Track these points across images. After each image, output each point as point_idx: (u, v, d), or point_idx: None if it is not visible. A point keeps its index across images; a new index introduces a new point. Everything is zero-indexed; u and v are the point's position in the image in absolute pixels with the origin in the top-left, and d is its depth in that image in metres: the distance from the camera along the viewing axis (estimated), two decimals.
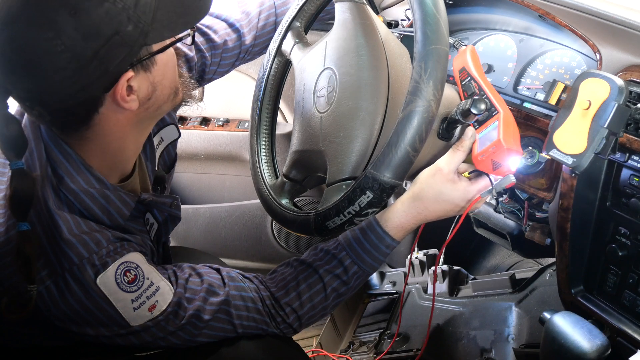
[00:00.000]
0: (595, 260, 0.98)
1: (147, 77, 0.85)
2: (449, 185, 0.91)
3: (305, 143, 0.99)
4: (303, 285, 0.97)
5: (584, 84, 0.90)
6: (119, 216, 0.91)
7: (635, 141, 0.87)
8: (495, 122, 0.91)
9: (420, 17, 0.78)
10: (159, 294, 0.88)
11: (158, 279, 0.89)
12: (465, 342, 1.50)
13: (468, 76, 0.95)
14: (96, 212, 0.88)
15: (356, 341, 1.68)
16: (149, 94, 0.87)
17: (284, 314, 0.97)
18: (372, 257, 0.96)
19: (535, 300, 1.44)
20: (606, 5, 1.02)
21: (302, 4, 1.08)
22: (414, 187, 0.94)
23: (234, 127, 1.77)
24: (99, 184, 0.88)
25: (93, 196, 0.87)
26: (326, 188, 0.90)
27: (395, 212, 0.95)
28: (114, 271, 0.85)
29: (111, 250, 0.86)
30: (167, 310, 0.89)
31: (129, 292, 0.86)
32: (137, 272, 0.87)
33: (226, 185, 1.86)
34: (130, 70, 0.81)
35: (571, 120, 0.91)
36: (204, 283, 0.94)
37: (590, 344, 0.89)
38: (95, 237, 0.85)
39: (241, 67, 1.73)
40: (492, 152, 0.89)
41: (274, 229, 1.84)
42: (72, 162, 0.87)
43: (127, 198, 0.92)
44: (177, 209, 1.06)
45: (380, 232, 0.95)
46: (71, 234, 0.83)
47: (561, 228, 0.99)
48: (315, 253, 1.00)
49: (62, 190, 0.86)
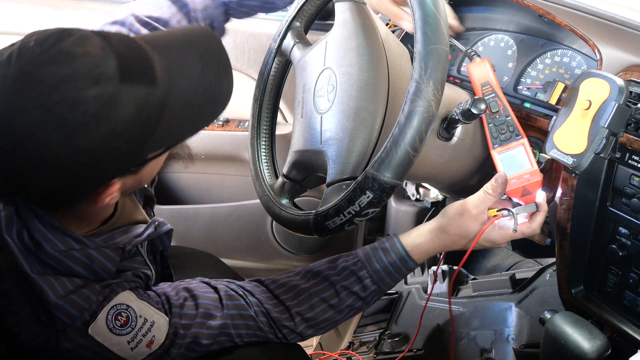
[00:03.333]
0: (595, 260, 0.98)
1: (135, 177, 0.82)
2: (476, 225, 0.93)
3: (305, 143, 0.98)
4: (316, 298, 0.96)
5: (584, 84, 0.90)
6: (105, 273, 0.86)
7: (635, 141, 0.87)
8: (520, 147, 0.97)
9: (420, 17, 0.78)
10: (155, 328, 0.86)
11: (151, 313, 0.87)
12: (465, 342, 1.50)
13: (492, 93, 0.99)
14: (80, 272, 0.84)
15: (356, 341, 1.68)
16: (133, 187, 0.84)
17: (293, 324, 0.96)
18: (392, 278, 0.97)
19: (536, 300, 1.44)
20: (606, 5, 1.02)
21: (302, 4, 1.08)
22: (442, 220, 0.95)
23: (234, 127, 1.77)
24: (79, 245, 0.84)
25: (75, 257, 0.83)
26: (326, 188, 0.90)
27: (421, 239, 0.96)
28: (104, 318, 0.83)
29: (100, 300, 0.84)
30: (165, 343, 0.87)
31: (124, 334, 0.84)
32: (128, 313, 0.85)
33: (226, 185, 1.86)
34: (117, 180, 0.77)
35: (571, 120, 0.91)
36: (200, 307, 0.91)
37: (590, 344, 0.89)
38: (83, 294, 0.82)
39: (241, 67, 1.74)
40: (526, 180, 0.95)
41: (274, 229, 1.84)
42: (48, 227, 0.82)
43: (112, 253, 0.87)
44: (162, 226, 1.01)
45: (405, 257, 0.96)
46: (58, 297, 0.80)
47: (561, 228, 0.99)
48: (332, 267, 0.98)
49: (42, 256, 0.82)
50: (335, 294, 0.96)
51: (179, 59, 0.77)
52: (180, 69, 0.76)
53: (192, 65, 0.78)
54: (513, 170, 0.96)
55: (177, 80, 0.76)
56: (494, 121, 0.99)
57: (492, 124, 0.99)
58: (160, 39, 0.80)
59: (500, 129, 0.98)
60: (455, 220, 0.93)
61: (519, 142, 0.97)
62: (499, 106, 0.99)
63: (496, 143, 0.99)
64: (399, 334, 1.62)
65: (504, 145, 0.98)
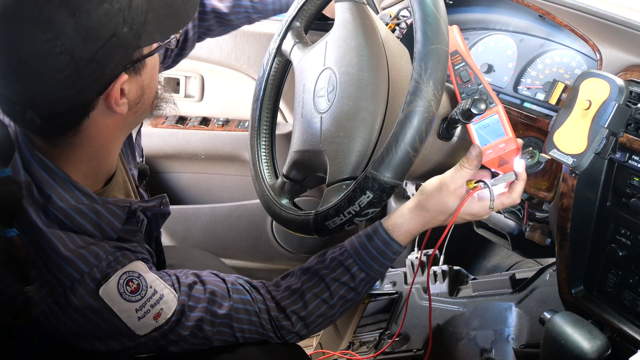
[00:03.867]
0: (595, 260, 0.98)
1: (138, 80, 0.84)
2: (455, 199, 0.91)
3: (305, 143, 0.98)
4: (309, 294, 0.96)
5: (584, 84, 0.90)
6: (111, 230, 0.88)
7: (635, 141, 0.87)
8: (494, 115, 0.92)
9: (420, 17, 0.78)
10: (163, 301, 0.87)
11: (162, 286, 0.88)
12: (465, 342, 1.50)
13: (462, 62, 0.95)
14: (88, 228, 0.86)
15: (356, 341, 1.68)
16: (138, 97, 0.86)
17: (290, 323, 0.96)
18: (379, 264, 0.96)
19: (536, 300, 1.44)
20: (606, 5, 1.02)
21: (302, 4, 1.08)
22: (420, 197, 0.93)
23: (234, 127, 1.77)
24: (87, 199, 0.86)
25: (83, 212, 0.85)
26: (326, 188, 0.90)
27: (402, 219, 0.95)
28: (116, 282, 0.84)
29: (111, 260, 0.85)
30: (171, 319, 0.88)
31: (133, 301, 0.85)
32: (139, 281, 0.86)
33: (226, 185, 1.86)
34: (124, 73, 0.81)
35: (571, 120, 0.90)
36: (207, 292, 0.92)
37: (590, 344, 0.89)
38: (93, 250, 0.84)
39: (241, 67, 1.74)
40: (501, 149, 0.91)
41: (274, 229, 1.84)
42: (57, 180, 0.84)
43: (118, 210, 0.89)
44: (166, 205, 1.04)
45: (388, 239, 0.94)
46: (68, 250, 0.82)
47: (561, 228, 0.99)
48: (320, 261, 0.99)
49: (51, 209, 0.83)
50: (326, 287, 0.96)
51: None
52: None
53: None
54: (488, 141, 0.93)
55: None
56: (466, 90, 0.95)
57: (464, 93, 0.95)
58: None
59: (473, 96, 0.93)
60: (434, 196, 0.92)
61: (493, 110, 0.92)
62: (469, 75, 0.94)
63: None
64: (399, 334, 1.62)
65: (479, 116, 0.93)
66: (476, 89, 0.94)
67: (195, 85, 1.79)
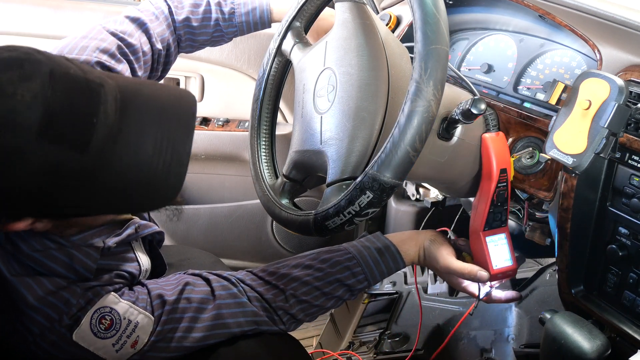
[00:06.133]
0: (595, 260, 0.98)
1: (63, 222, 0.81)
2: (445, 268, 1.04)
3: (305, 143, 0.98)
4: (310, 285, 0.98)
5: (584, 84, 0.90)
6: (86, 271, 0.85)
7: (635, 141, 0.87)
8: (503, 234, 1.05)
9: (420, 17, 0.78)
10: (139, 328, 0.86)
11: (135, 313, 0.86)
12: (465, 342, 1.50)
13: (505, 182, 1.01)
14: (60, 271, 0.83)
15: (356, 341, 1.68)
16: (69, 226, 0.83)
17: (288, 305, 0.97)
18: (382, 276, 1.04)
19: (535, 300, 1.44)
20: (606, 5, 1.02)
21: (302, 4, 1.08)
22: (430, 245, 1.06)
23: (234, 127, 1.77)
24: (55, 245, 0.83)
25: (54, 256, 0.82)
26: (326, 188, 0.90)
27: (414, 251, 1.05)
28: (88, 322, 0.82)
29: (82, 303, 0.83)
30: (150, 340, 0.87)
31: (108, 337, 0.83)
32: (112, 316, 0.84)
33: (226, 185, 1.86)
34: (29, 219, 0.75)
35: (571, 120, 0.90)
36: (192, 302, 0.91)
37: (590, 344, 0.89)
38: (62, 297, 0.81)
39: (241, 67, 1.74)
40: (503, 277, 1.05)
41: (274, 229, 1.84)
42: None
43: (91, 251, 0.85)
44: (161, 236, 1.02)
45: (399, 261, 1.04)
46: (36, 298, 0.79)
47: (561, 228, 0.99)
48: (324, 259, 1.01)
49: (20, 256, 0.81)
50: (329, 284, 0.99)
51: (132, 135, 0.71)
52: (126, 147, 0.71)
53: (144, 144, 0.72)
54: (499, 264, 1.04)
55: (114, 158, 0.70)
56: (495, 209, 1.02)
57: (492, 211, 1.02)
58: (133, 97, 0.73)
59: (496, 216, 1.03)
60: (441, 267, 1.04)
61: (503, 230, 1.04)
62: (504, 197, 1.02)
63: (487, 227, 1.03)
64: (399, 334, 1.62)
65: (490, 230, 1.03)
66: (501, 210, 1.03)
67: (195, 86, 1.79)
